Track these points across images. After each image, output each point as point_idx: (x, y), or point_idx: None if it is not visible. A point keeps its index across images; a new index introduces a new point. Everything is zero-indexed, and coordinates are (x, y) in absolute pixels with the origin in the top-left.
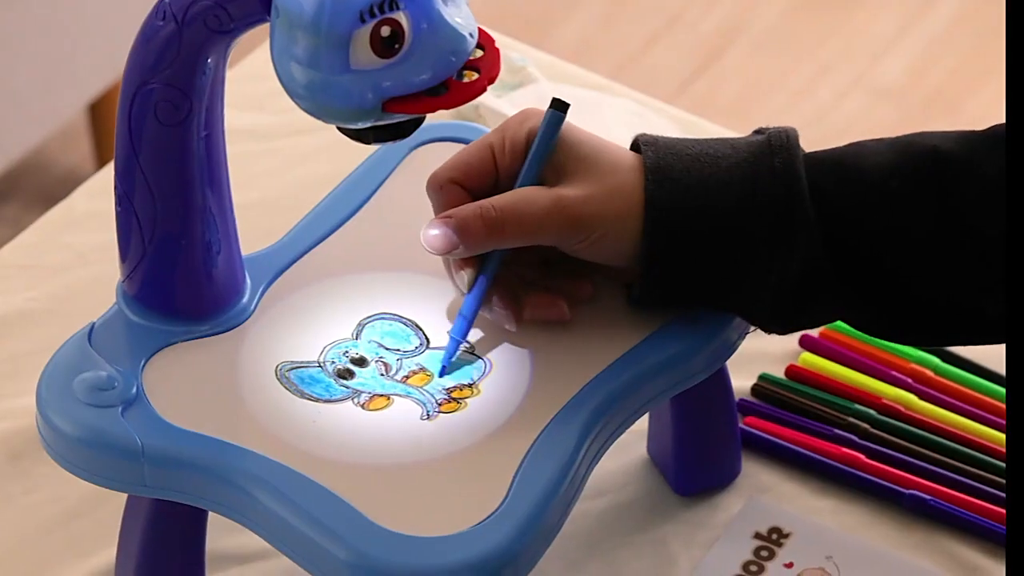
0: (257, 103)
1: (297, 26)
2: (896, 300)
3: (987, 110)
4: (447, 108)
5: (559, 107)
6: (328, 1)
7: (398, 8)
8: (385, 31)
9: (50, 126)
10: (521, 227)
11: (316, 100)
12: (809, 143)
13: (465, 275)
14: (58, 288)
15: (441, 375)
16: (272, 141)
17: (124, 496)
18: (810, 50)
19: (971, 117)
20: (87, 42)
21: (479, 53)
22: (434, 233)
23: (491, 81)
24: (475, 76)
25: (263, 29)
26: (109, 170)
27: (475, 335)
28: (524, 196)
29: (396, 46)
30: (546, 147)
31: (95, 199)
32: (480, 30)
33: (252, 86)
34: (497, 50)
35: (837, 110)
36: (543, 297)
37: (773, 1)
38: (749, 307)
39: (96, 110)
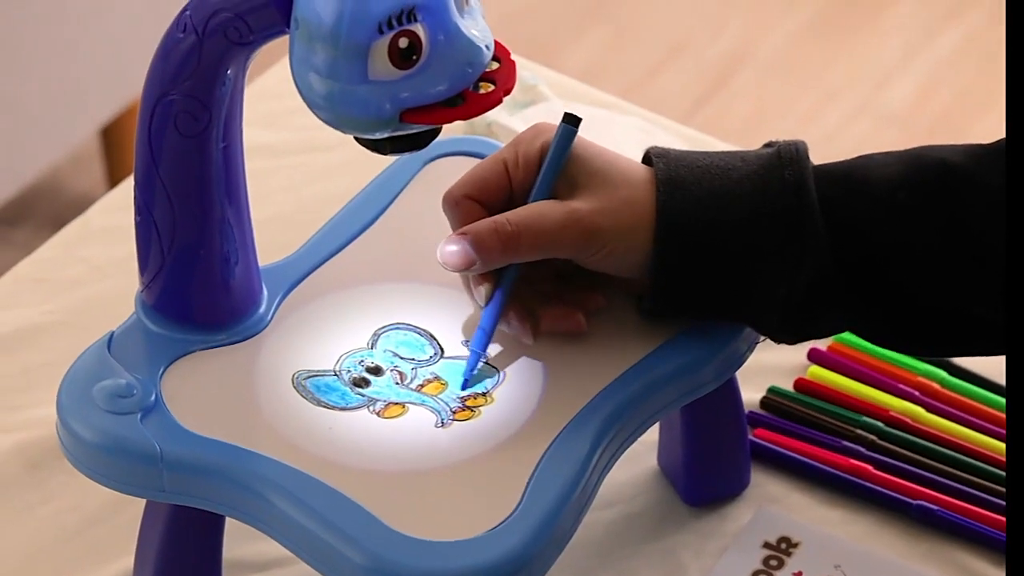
0: (272, 121)
1: (316, 37)
2: (904, 310)
3: (992, 134)
4: (463, 119)
5: (571, 121)
6: (347, 13)
7: (416, 20)
8: (403, 42)
9: (62, 150)
10: (536, 241)
11: (335, 110)
12: None
13: (483, 289)
14: (74, 301)
15: (464, 388)
16: (287, 158)
17: (141, 504)
18: (816, 76)
19: (977, 140)
20: (99, 66)
21: (495, 65)
22: (451, 250)
23: (507, 92)
24: (491, 88)
25: (279, 48)
26: (124, 186)
27: (490, 346)
28: (538, 210)
29: (414, 57)
30: (559, 161)
31: (111, 214)
32: (496, 43)
33: (267, 104)
34: (513, 62)
35: (844, 135)
36: (559, 309)
37: (779, 28)
38: (759, 317)
39: (108, 134)
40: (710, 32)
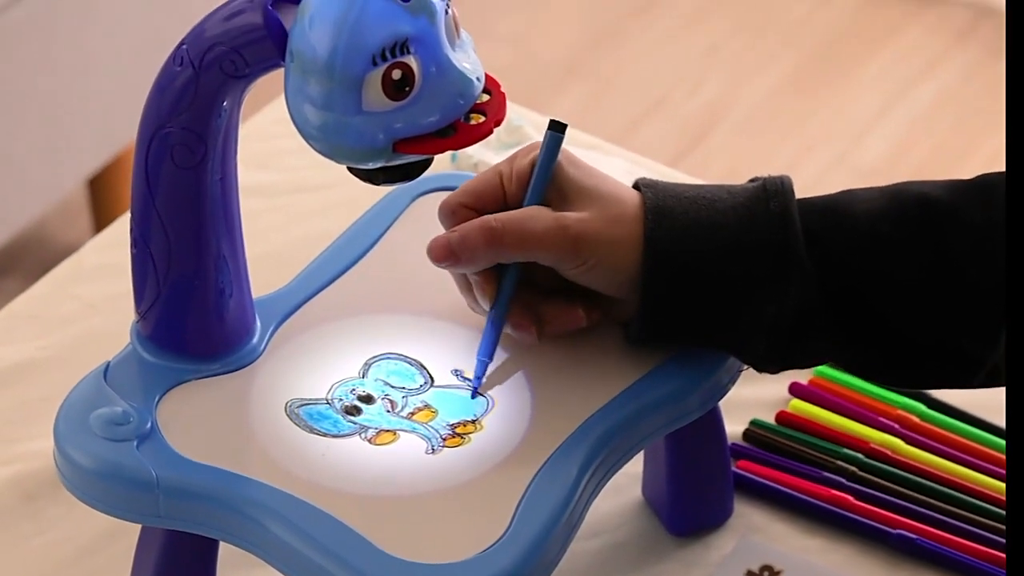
0: (262, 162)
1: (311, 70)
2: (886, 342)
3: None
4: (455, 149)
5: (557, 128)
6: (341, 45)
7: (408, 52)
8: (396, 74)
9: (49, 201)
10: (521, 240)
11: (329, 141)
12: None
13: (486, 293)
14: (68, 337)
15: (473, 396)
16: (277, 198)
17: (135, 535)
18: (793, 130)
19: None
20: (86, 117)
21: (485, 97)
22: (437, 244)
23: (498, 123)
24: (482, 119)
25: (267, 91)
26: (117, 225)
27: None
28: (527, 212)
29: (407, 89)
30: (547, 168)
31: (103, 253)
32: (487, 75)
33: (256, 145)
34: (503, 94)
35: (821, 188)
36: (558, 307)
37: (757, 83)
38: (744, 346)
39: (95, 185)
40: (689, 87)
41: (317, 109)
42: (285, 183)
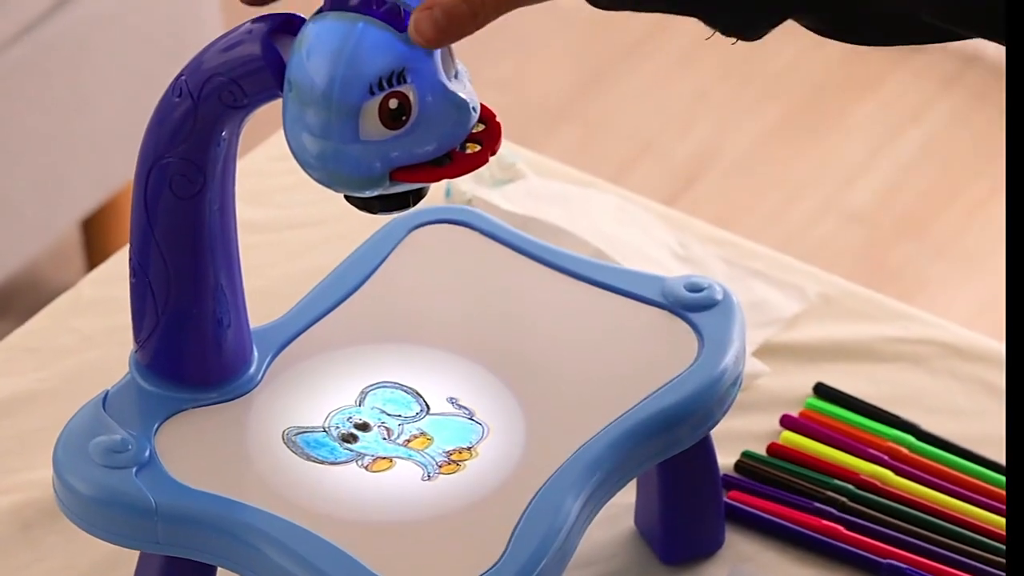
0: (257, 198)
1: (309, 99)
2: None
3: (954, 232)
4: (451, 177)
5: None
6: (339, 75)
7: (405, 82)
8: (393, 103)
9: (42, 242)
10: None
11: (326, 169)
12: (781, 265)
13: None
14: (65, 369)
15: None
16: (272, 234)
17: (132, 564)
18: (781, 176)
19: (938, 238)
20: (80, 158)
21: (481, 127)
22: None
23: (493, 153)
24: (478, 148)
25: (262, 129)
26: (115, 259)
27: (473, 403)
28: None
29: (403, 118)
30: None
31: (101, 286)
32: (482, 105)
33: (251, 181)
34: (499, 124)
35: (808, 234)
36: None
37: (744, 128)
38: None
39: (89, 227)
40: (677, 132)
41: (315, 138)
42: (280, 219)
